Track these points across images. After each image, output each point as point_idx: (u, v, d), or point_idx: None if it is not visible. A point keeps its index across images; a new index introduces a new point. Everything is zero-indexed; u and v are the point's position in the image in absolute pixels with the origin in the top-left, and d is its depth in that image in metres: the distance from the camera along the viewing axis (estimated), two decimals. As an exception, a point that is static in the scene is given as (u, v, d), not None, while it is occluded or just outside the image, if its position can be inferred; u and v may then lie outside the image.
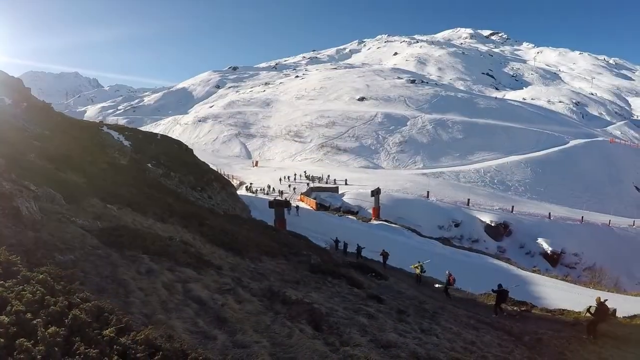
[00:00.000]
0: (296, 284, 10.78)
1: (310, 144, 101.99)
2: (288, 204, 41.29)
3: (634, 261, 60.76)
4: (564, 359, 10.19)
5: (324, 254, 21.46)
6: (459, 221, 60.23)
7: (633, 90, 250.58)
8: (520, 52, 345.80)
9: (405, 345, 6.94)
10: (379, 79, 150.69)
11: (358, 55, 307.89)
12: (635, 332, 16.61)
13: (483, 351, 8.38)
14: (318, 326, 6.80)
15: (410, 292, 18.59)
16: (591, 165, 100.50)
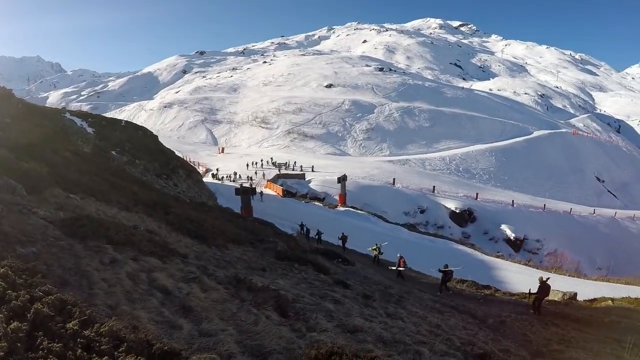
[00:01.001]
0: (263, 271, 10.80)
1: (277, 130, 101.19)
2: (254, 191, 41.08)
3: (594, 247, 62.88)
4: (526, 339, 10.36)
5: (290, 240, 21.52)
6: (424, 208, 61.10)
7: (597, 85, 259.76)
8: (489, 44, 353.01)
9: (371, 329, 6.99)
10: (347, 66, 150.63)
11: (327, 42, 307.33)
12: (595, 314, 17.17)
13: (448, 334, 8.44)
14: (284, 312, 6.82)
15: (376, 277, 18.86)
16: (554, 156, 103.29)
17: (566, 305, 19.66)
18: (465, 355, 7.01)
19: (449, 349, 7.13)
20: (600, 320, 15.88)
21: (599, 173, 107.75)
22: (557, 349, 9.48)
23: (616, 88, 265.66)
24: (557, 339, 11.16)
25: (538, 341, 10.37)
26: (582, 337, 12.15)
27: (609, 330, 14.19)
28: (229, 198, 41.38)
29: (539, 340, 10.46)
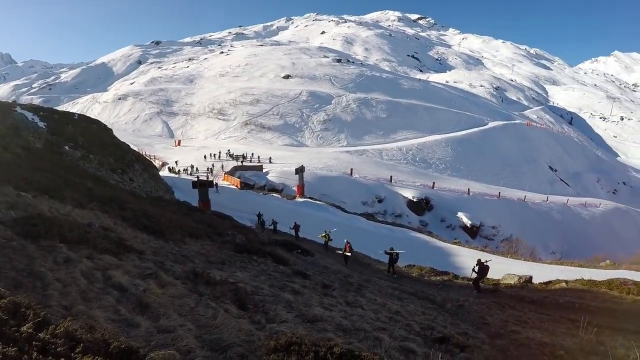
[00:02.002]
0: (221, 265, 10.77)
1: (234, 122, 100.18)
2: (212, 184, 40.69)
3: (547, 233, 65.37)
4: (484, 322, 10.58)
5: (249, 233, 21.50)
6: (382, 197, 61.72)
7: (551, 79, 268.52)
8: (446, 37, 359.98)
9: (331, 318, 7.06)
10: (305, 57, 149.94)
11: (285, 32, 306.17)
12: (550, 296, 17.90)
13: (407, 320, 8.59)
14: (243, 305, 6.81)
15: (335, 267, 19.05)
16: (508, 146, 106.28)
17: (522, 288, 20.42)
18: (425, 339, 7.15)
19: (409, 334, 7.28)
20: (555, 301, 16.64)
21: (551, 162, 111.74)
22: (514, 330, 9.71)
23: (569, 82, 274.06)
24: (514, 320, 11.47)
25: (496, 323, 10.62)
26: (538, 317, 12.56)
27: (564, 310, 14.86)
28: (186, 192, 40.92)
29: (496, 322, 10.71)
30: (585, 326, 8.97)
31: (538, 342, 8.47)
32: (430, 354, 5.98)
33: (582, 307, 15.42)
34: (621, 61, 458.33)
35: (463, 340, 7.61)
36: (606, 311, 15.09)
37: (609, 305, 16.02)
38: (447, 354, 6.55)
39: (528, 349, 8.03)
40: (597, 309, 15.40)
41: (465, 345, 7.17)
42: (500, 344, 8.29)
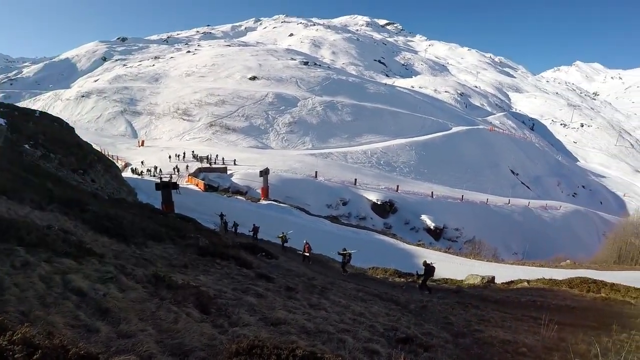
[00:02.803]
0: (184, 268, 10.67)
1: (199, 122, 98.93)
2: (175, 186, 40.15)
3: (509, 234, 67.43)
4: (447, 322, 10.68)
5: (213, 235, 21.31)
6: (346, 200, 62.21)
7: (514, 86, 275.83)
8: (413, 43, 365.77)
9: (294, 321, 7.05)
10: (272, 58, 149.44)
11: (253, 33, 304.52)
12: (512, 295, 18.42)
13: (371, 321, 8.62)
14: (206, 309, 6.76)
15: (299, 270, 19.03)
16: (471, 150, 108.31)
17: (485, 288, 20.89)
18: (389, 340, 7.20)
19: (373, 335, 7.33)
20: (517, 300, 17.11)
21: (513, 167, 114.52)
22: (478, 329, 9.85)
23: (531, 90, 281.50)
24: (477, 319, 11.66)
25: (459, 323, 10.73)
26: (500, 316, 12.80)
27: (526, 309, 15.29)
28: (149, 193, 40.34)
29: (460, 322, 10.82)
30: (547, 324, 9.21)
31: (501, 340, 8.64)
32: (394, 355, 6.04)
33: (544, 305, 15.95)
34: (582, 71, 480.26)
35: (427, 340, 7.71)
36: (567, 309, 15.64)
37: (569, 303, 16.59)
38: (411, 354, 6.61)
39: (491, 347, 8.17)
40: (558, 306, 15.95)
41: (429, 345, 7.26)
42: (464, 342, 8.42)
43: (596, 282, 22.23)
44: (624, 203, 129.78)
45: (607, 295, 19.52)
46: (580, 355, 7.60)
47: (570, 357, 6.94)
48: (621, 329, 11.18)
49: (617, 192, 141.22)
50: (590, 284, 21.71)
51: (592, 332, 10.68)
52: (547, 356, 7.59)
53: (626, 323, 12.79)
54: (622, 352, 7.00)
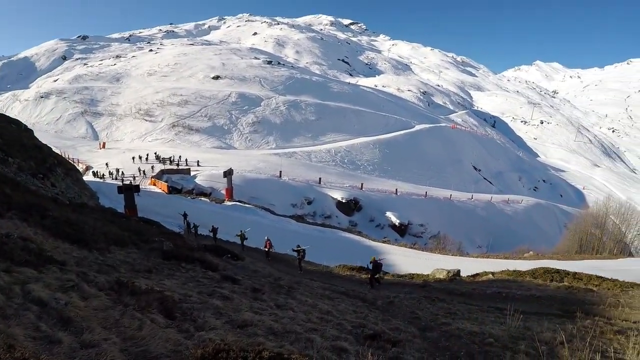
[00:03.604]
0: (148, 273, 10.53)
1: (161, 123, 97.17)
2: (138, 189, 39.33)
3: (473, 228, 68.85)
4: (415, 316, 10.83)
5: (177, 239, 21.07)
6: (311, 199, 62.37)
7: (475, 85, 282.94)
8: (377, 43, 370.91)
9: (261, 322, 7.01)
10: (235, 58, 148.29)
11: (217, 32, 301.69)
12: (477, 287, 18.71)
13: (339, 319, 8.66)
14: (171, 314, 6.65)
15: (266, 271, 19.01)
16: (434, 147, 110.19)
17: (451, 281, 21.14)
18: (357, 337, 7.23)
19: (341, 333, 7.34)
20: (482, 292, 17.45)
21: (475, 163, 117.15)
22: (445, 322, 9.96)
23: (493, 88, 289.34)
24: (443, 313, 11.83)
25: (426, 317, 10.85)
26: (467, 309, 13.04)
27: (491, 300, 15.65)
28: (111, 197, 39.47)
29: (427, 316, 10.95)
30: (513, 314, 9.41)
31: (468, 332, 8.77)
32: (361, 352, 6.06)
33: (509, 296, 16.36)
34: (542, 70, 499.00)
35: (395, 335, 7.78)
36: (532, 298, 16.05)
37: (534, 293, 17.01)
38: (379, 350, 6.63)
39: (458, 340, 8.28)
40: (523, 296, 16.35)
41: (396, 340, 7.31)
42: (432, 336, 8.55)
43: (559, 272, 22.96)
44: (584, 195, 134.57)
45: (570, 284, 20.16)
46: (546, 342, 7.78)
47: (536, 345, 7.11)
48: (585, 315, 11.62)
49: (577, 185, 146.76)
50: (553, 274, 22.40)
51: (557, 320, 11.03)
52: (513, 345, 7.74)
53: (589, 310, 13.34)
54: (587, 338, 7.24)
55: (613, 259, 44.69)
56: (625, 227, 61.24)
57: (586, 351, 6.35)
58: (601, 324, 10.54)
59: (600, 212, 62.99)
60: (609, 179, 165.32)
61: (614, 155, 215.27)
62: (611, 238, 59.02)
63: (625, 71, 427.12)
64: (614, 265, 37.78)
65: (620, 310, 13.68)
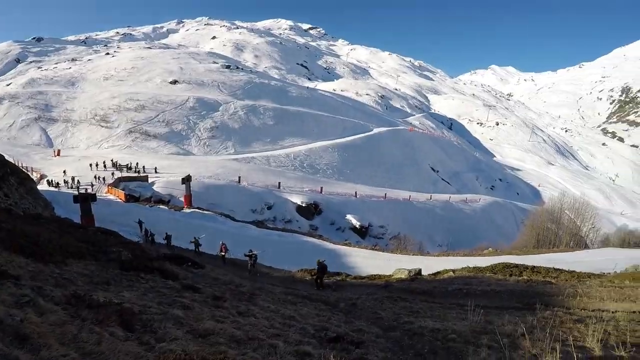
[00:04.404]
0: (106, 285, 10.36)
1: (117, 129, 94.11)
2: (95, 198, 38.32)
3: (433, 228, 70.36)
4: (377, 317, 10.96)
5: (136, 248, 20.73)
6: (271, 204, 62.17)
7: (432, 88, 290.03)
8: (336, 47, 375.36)
9: (223, 330, 6.97)
10: (194, 62, 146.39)
11: (175, 35, 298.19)
12: (439, 285, 18.98)
13: (302, 323, 8.71)
14: (130, 326, 6.55)
15: (227, 278, 18.86)
16: (393, 150, 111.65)
17: (412, 280, 21.37)
18: (320, 341, 7.28)
19: (304, 337, 7.38)
20: (444, 290, 17.77)
21: (433, 164, 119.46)
22: (407, 321, 10.13)
23: (449, 92, 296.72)
24: (406, 312, 12.01)
25: (389, 316, 11.00)
26: (429, 307, 13.30)
27: (453, 297, 16.05)
28: (67, 207, 38.34)
29: (389, 316, 11.10)
30: (474, 309, 9.68)
31: (430, 330, 8.95)
32: (324, 355, 6.10)
33: (470, 292, 16.70)
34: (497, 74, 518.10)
35: (358, 336, 7.88)
36: (492, 293, 16.44)
37: (494, 288, 17.36)
38: (343, 352, 6.71)
39: (421, 337, 8.45)
40: (483, 292, 16.72)
41: (360, 342, 7.42)
42: (395, 335, 8.70)
43: (518, 267, 23.68)
44: (539, 193, 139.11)
45: (529, 277, 20.80)
46: (507, 335, 8.03)
47: (497, 338, 7.32)
48: (544, 307, 12.03)
49: (532, 183, 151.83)
50: (512, 269, 23.09)
51: (518, 313, 11.38)
52: (475, 340, 7.95)
53: (549, 301, 13.84)
54: (547, 328, 7.50)
55: (570, 252, 46.44)
56: (580, 221, 63.93)
57: (547, 341, 6.52)
58: (560, 314, 10.95)
59: (555, 208, 65.40)
60: (563, 176, 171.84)
61: (567, 153, 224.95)
62: (567, 232, 61.51)
63: (577, 74, 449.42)
64: (571, 258, 39.28)
65: (579, 299, 14.34)
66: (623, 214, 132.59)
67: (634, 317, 11.17)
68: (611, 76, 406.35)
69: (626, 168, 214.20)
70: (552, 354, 5.99)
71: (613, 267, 28.48)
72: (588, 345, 7.22)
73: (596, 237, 65.66)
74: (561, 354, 6.01)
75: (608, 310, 12.34)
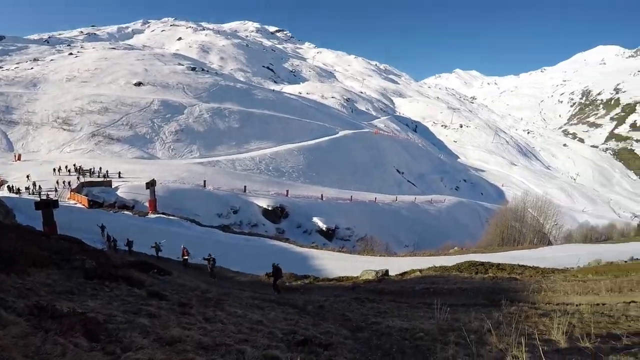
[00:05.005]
0: (70, 295, 10.15)
1: (80, 132, 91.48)
2: (57, 204, 37.21)
3: (399, 229, 71.19)
4: (345, 318, 10.97)
5: (100, 256, 20.36)
6: (237, 208, 61.83)
7: (397, 92, 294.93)
8: (302, 50, 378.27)
9: (190, 337, 6.89)
10: (159, 63, 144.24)
11: (141, 36, 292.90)
12: (406, 285, 19.20)
13: (270, 328, 8.67)
14: (95, 336, 6.36)
15: (193, 284, 18.68)
16: (358, 152, 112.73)
17: (380, 281, 21.57)
18: (288, 344, 7.28)
19: (272, 341, 7.35)
20: (411, 289, 17.96)
21: (398, 166, 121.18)
22: (375, 321, 10.19)
23: (414, 95, 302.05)
24: (374, 313, 12.09)
25: (357, 318, 11.02)
26: (396, 307, 13.43)
27: (420, 296, 16.22)
28: (29, 214, 37.22)
29: (357, 317, 11.12)
30: (440, 307, 9.87)
31: (398, 329, 9.03)
32: (292, 358, 6.14)
33: (437, 290, 16.93)
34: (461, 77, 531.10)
35: (326, 339, 7.89)
36: (458, 291, 16.74)
37: (460, 286, 17.70)
38: (312, 354, 6.75)
39: (389, 337, 8.51)
40: (450, 290, 17.02)
41: (328, 344, 7.44)
42: (363, 336, 8.75)
43: (483, 264, 24.23)
44: (503, 192, 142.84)
45: (494, 274, 21.28)
46: (474, 331, 8.20)
47: (464, 335, 7.46)
48: (510, 303, 12.32)
49: (496, 183, 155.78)
50: (478, 267, 23.61)
51: (484, 310, 11.63)
52: (443, 337, 8.05)
53: (514, 297, 14.23)
54: (513, 323, 7.68)
55: (534, 249, 47.79)
56: (543, 219, 65.85)
57: (513, 336, 6.67)
58: (526, 309, 11.26)
59: (519, 207, 67.12)
60: (526, 176, 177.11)
61: (530, 154, 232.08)
62: (531, 230, 63.24)
63: (539, 78, 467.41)
64: (535, 254, 40.43)
65: (543, 294, 14.73)
66: (584, 211, 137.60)
67: (598, 309, 11.55)
68: (572, 80, 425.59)
69: (587, 167, 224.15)
70: (518, 348, 6.10)
71: (576, 262, 29.35)
72: (554, 338, 7.42)
73: (559, 234, 67.88)
74: (527, 348, 6.12)
75: (572, 304, 12.81)
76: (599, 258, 30.51)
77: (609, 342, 6.95)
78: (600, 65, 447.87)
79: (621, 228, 77.43)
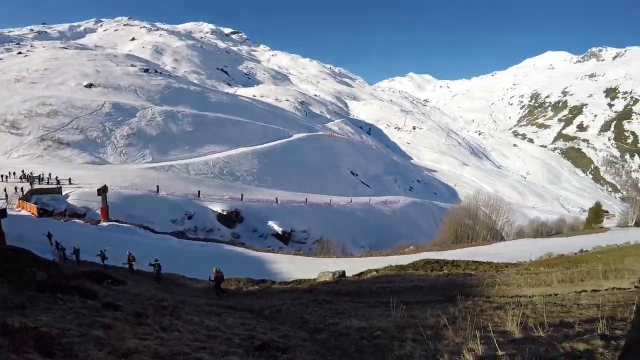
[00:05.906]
0: (22, 309, 9.89)
1: (28, 137, 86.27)
2: (4, 214, 35.47)
3: (355, 230, 72.14)
4: (303, 321, 11.12)
5: (51, 267, 19.84)
6: (191, 213, 60.90)
7: (351, 94, 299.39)
8: (257, 53, 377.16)
9: (147, 348, 6.84)
10: (111, 64, 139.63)
11: (93, 35, 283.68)
12: (363, 285, 19.48)
13: (227, 334, 8.68)
14: (49, 352, 6.21)
15: (148, 293, 18.42)
16: (312, 155, 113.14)
17: (337, 282, 21.81)
18: (246, 350, 7.30)
19: (230, 347, 7.38)
20: (368, 289, 18.23)
21: (353, 168, 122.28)
22: (333, 322, 10.38)
23: (368, 98, 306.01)
24: (332, 313, 12.28)
25: (314, 320, 11.17)
26: (354, 307, 13.65)
27: (377, 296, 16.48)
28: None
29: (315, 319, 11.27)
30: (397, 305, 10.15)
31: (356, 329, 9.20)
32: None
33: (393, 289, 17.31)
34: (415, 81, 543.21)
35: (284, 342, 7.99)
36: (415, 289, 17.16)
37: (416, 284, 18.15)
38: (270, 359, 6.83)
39: (347, 337, 8.68)
40: (406, 288, 17.40)
41: (286, 347, 7.53)
42: (321, 338, 8.89)
43: (438, 262, 24.88)
44: (456, 192, 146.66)
45: (449, 271, 21.90)
46: (430, 327, 8.43)
47: (421, 331, 7.66)
48: (465, 297, 12.73)
49: (449, 183, 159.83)
50: (433, 264, 24.24)
51: (440, 306, 11.94)
52: (400, 334, 8.24)
53: (469, 292, 14.71)
54: (469, 317, 7.93)
55: (487, 245, 48.98)
56: (495, 216, 67.96)
57: (469, 329, 6.99)
58: (481, 303, 11.66)
59: (471, 205, 68.95)
60: (478, 176, 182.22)
61: (481, 154, 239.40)
62: (483, 226, 65.20)
63: (490, 82, 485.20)
64: (489, 250, 41.59)
65: (497, 288, 15.31)
66: (535, 207, 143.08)
67: (550, 299, 12.03)
68: (522, 84, 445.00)
69: (536, 166, 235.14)
70: (474, 341, 6.36)
71: (528, 256, 30.47)
72: (508, 329, 7.65)
73: (511, 230, 69.98)
74: (483, 340, 6.35)
75: (525, 296, 13.38)
76: (550, 251, 31.86)
77: (561, 330, 7.22)
78: (549, 70, 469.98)
79: (570, 222, 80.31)
